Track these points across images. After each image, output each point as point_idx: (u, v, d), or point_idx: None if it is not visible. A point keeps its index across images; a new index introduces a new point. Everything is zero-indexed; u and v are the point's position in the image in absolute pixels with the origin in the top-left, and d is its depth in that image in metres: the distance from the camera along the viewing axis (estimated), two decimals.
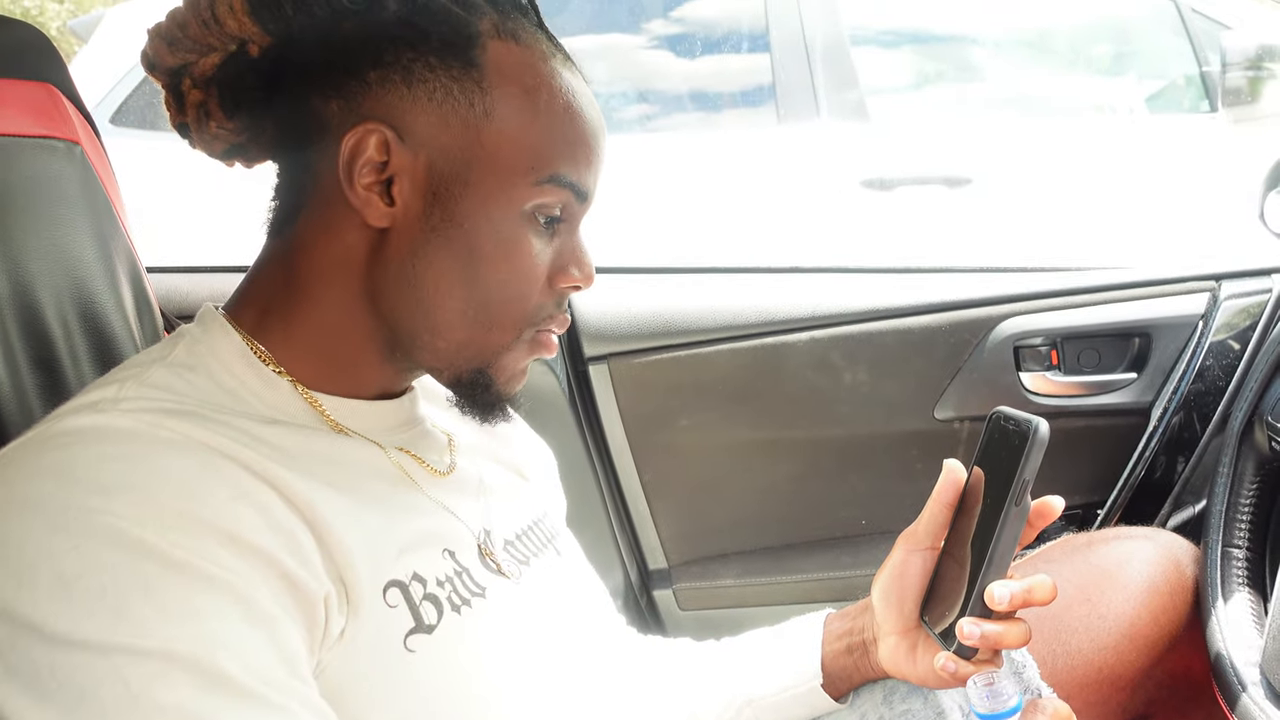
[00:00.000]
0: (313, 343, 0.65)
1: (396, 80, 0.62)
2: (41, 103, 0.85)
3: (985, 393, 1.34)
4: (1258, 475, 1.02)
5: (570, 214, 0.67)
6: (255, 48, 0.64)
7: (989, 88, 2.65)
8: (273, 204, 0.67)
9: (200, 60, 0.65)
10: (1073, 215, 2.17)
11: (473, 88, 0.62)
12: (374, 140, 0.61)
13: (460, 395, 0.68)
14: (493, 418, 0.68)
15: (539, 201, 0.64)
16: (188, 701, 0.47)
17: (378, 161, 0.61)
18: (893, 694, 0.81)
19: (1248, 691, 0.84)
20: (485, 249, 0.63)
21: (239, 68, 0.65)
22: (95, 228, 0.87)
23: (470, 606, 0.63)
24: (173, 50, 0.65)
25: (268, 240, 0.67)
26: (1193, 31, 2.38)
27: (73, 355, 0.83)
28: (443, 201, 0.62)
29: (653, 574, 1.43)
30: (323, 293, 0.64)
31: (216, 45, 0.64)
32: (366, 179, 0.62)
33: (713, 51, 2.45)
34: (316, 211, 0.64)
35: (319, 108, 0.63)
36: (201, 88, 0.66)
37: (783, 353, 1.35)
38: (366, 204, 0.62)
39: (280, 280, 0.65)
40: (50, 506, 0.50)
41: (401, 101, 0.62)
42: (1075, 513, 1.38)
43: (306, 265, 0.64)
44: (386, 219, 0.63)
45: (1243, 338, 1.29)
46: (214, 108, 0.66)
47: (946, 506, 0.72)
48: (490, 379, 0.67)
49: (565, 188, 0.65)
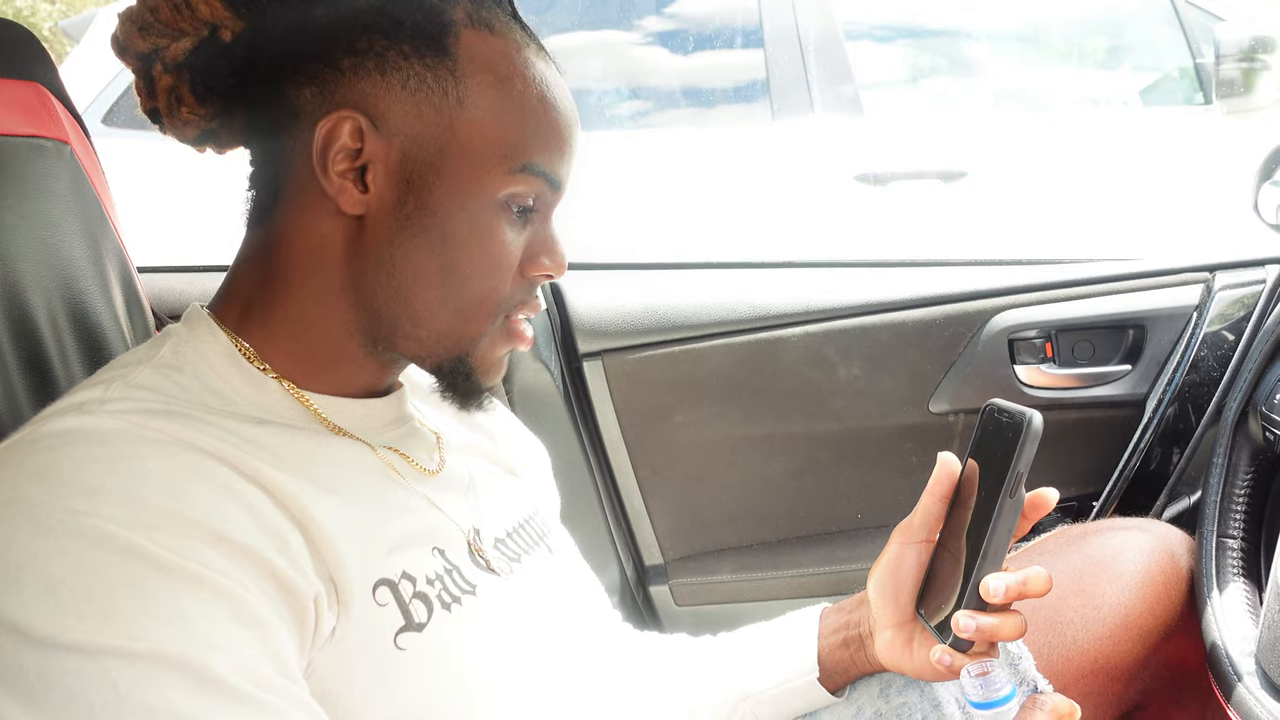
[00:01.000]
0: (294, 336, 0.64)
1: (370, 68, 0.61)
2: (30, 102, 0.85)
3: (980, 385, 1.34)
4: (1252, 465, 1.02)
5: (543, 203, 0.67)
6: (227, 33, 0.64)
7: (983, 81, 2.65)
8: (249, 194, 0.67)
9: (171, 45, 0.64)
10: (1067, 208, 2.17)
11: (446, 76, 0.62)
12: (348, 127, 0.61)
13: (441, 382, 0.68)
14: (471, 405, 0.68)
15: (512, 190, 0.64)
16: (177, 703, 0.47)
17: (351, 148, 0.61)
18: (889, 687, 0.81)
19: (1243, 681, 0.84)
20: (459, 237, 0.63)
21: (210, 53, 0.64)
22: (85, 228, 0.87)
23: (460, 604, 0.62)
24: (144, 35, 0.64)
25: (247, 232, 0.67)
26: (1186, 23, 2.38)
27: (63, 356, 0.83)
28: (416, 190, 0.62)
29: (648, 570, 1.43)
30: (301, 284, 0.64)
31: (188, 30, 0.63)
32: (340, 166, 0.61)
33: (706, 47, 2.44)
34: (292, 200, 0.64)
35: (291, 95, 0.62)
36: (172, 73, 0.65)
37: (777, 347, 1.35)
38: (341, 191, 0.62)
39: (260, 273, 0.65)
40: (37, 509, 0.50)
41: (375, 89, 0.61)
42: (1070, 504, 1.38)
43: (284, 256, 0.64)
44: (361, 206, 0.62)
45: (1237, 328, 1.29)
46: (185, 93, 0.65)
47: (941, 499, 0.72)
48: (471, 367, 0.67)
49: (538, 177, 0.65)
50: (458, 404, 0.68)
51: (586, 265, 1.43)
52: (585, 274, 1.42)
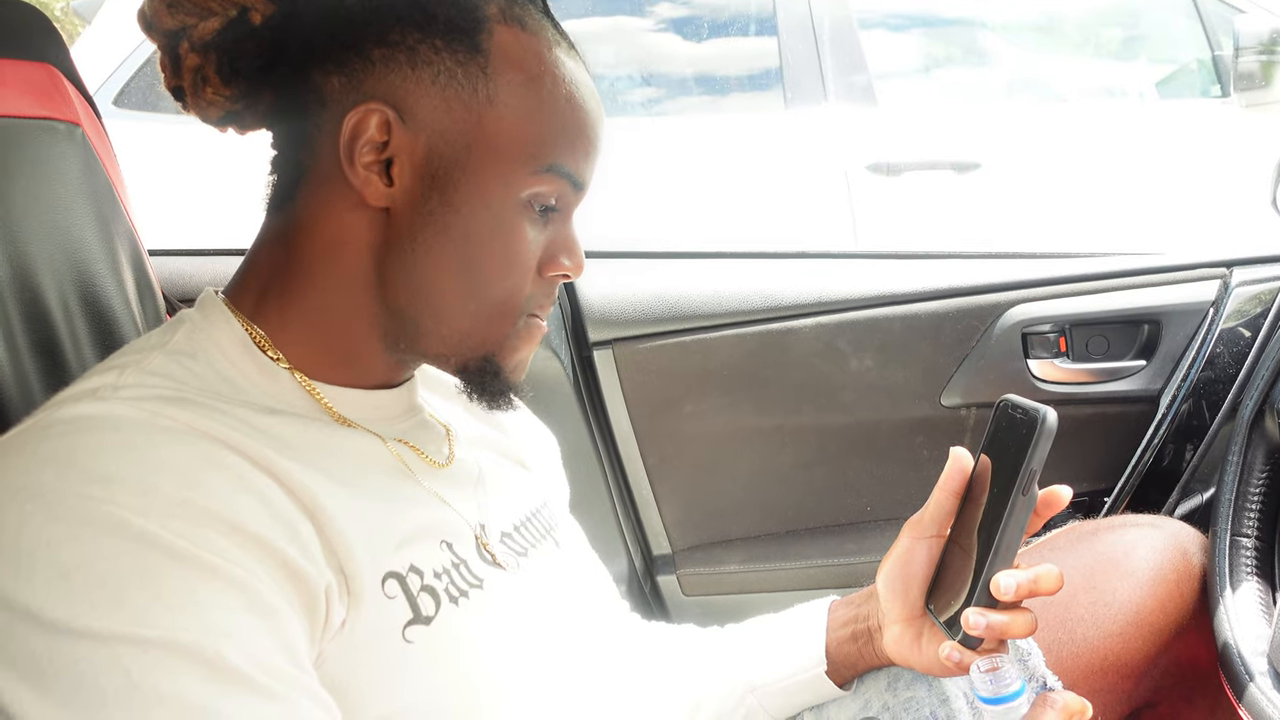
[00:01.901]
0: (311, 326, 0.64)
1: (401, 60, 0.61)
2: (42, 84, 0.85)
3: (993, 379, 1.33)
4: (1267, 464, 1.02)
5: (565, 203, 0.67)
6: (258, 15, 0.63)
7: (998, 72, 2.63)
8: (271, 179, 0.67)
9: (200, 24, 0.64)
10: (1082, 201, 2.16)
11: (477, 73, 0.62)
12: (375, 119, 0.60)
13: (468, 383, 0.67)
14: (499, 405, 0.68)
15: (536, 190, 0.64)
16: (189, 691, 0.47)
17: (378, 141, 0.61)
18: (897, 681, 0.81)
19: (1255, 681, 0.83)
20: (481, 235, 0.63)
21: (239, 34, 0.64)
22: (96, 210, 0.86)
23: (468, 598, 0.62)
24: (172, 12, 0.64)
25: (267, 218, 0.67)
26: (1205, 15, 2.36)
27: (74, 338, 0.83)
28: (441, 185, 0.62)
29: (657, 560, 1.43)
30: (322, 273, 0.64)
31: (217, 10, 0.63)
32: (366, 158, 0.61)
33: (719, 34, 2.43)
34: (315, 188, 0.63)
35: (319, 81, 0.62)
36: (199, 52, 0.65)
37: (788, 338, 1.34)
38: (366, 184, 0.61)
39: (279, 259, 0.65)
40: (50, 495, 0.50)
41: (405, 82, 0.61)
42: (1082, 500, 1.37)
43: (306, 244, 0.64)
44: (385, 199, 0.62)
45: (1253, 325, 1.28)
46: (211, 73, 0.65)
47: (953, 494, 0.72)
48: (499, 366, 0.66)
49: (563, 178, 0.64)
50: (486, 404, 0.68)
51: (598, 254, 1.42)
52: (597, 262, 1.40)
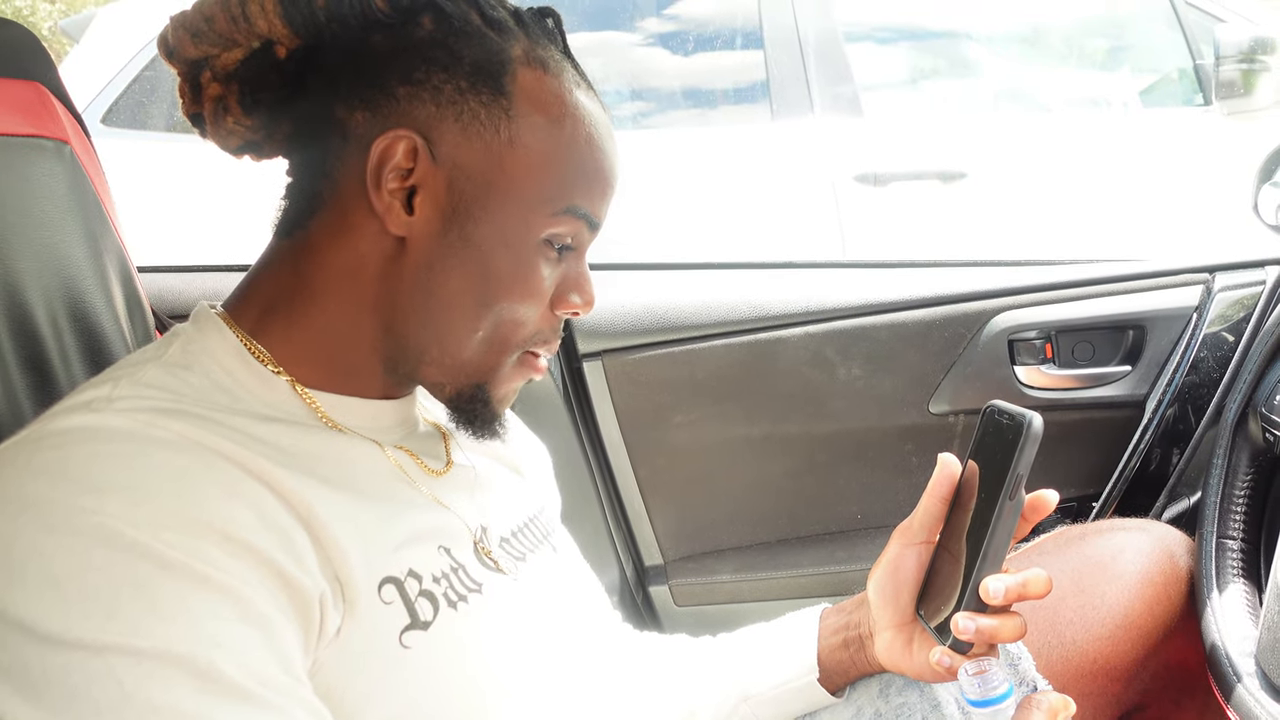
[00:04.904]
0: (316, 346, 0.65)
1: (425, 99, 0.62)
2: (30, 102, 0.85)
3: (980, 386, 1.34)
4: (1252, 466, 1.02)
5: (580, 242, 0.68)
6: (283, 49, 0.64)
7: (984, 83, 2.65)
8: (282, 203, 0.67)
9: (223, 54, 0.64)
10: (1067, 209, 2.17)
11: (500, 115, 0.62)
12: (403, 146, 0.61)
13: (458, 411, 0.68)
14: (486, 434, 0.69)
15: (554, 231, 0.65)
16: (182, 702, 0.47)
17: (405, 168, 0.61)
18: (889, 687, 0.81)
19: (1243, 682, 0.84)
20: (500, 272, 0.63)
21: (262, 66, 0.64)
22: (85, 227, 0.87)
23: (467, 603, 0.62)
24: (196, 42, 0.64)
25: (275, 240, 0.67)
26: (1186, 25, 2.38)
27: (63, 355, 0.83)
28: (460, 221, 0.63)
29: (648, 570, 1.43)
30: (330, 298, 0.64)
31: (241, 42, 0.63)
32: (392, 184, 0.62)
33: (706, 48, 2.44)
34: (332, 216, 0.64)
35: (342, 115, 0.63)
36: (221, 82, 0.65)
37: (777, 348, 1.35)
38: (389, 210, 0.62)
39: (287, 281, 0.65)
40: (43, 506, 0.50)
41: (429, 119, 0.62)
42: (1070, 505, 1.38)
43: (317, 269, 0.64)
44: (404, 228, 0.63)
45: (1236, 329, 1.29)
46: (232, 103, 0.66)
47: (941, 501, 0.72)
48: (488, 395, 0.67)
49: (580, 219, 0.65)
50: (473, 432, 0.68)
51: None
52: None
